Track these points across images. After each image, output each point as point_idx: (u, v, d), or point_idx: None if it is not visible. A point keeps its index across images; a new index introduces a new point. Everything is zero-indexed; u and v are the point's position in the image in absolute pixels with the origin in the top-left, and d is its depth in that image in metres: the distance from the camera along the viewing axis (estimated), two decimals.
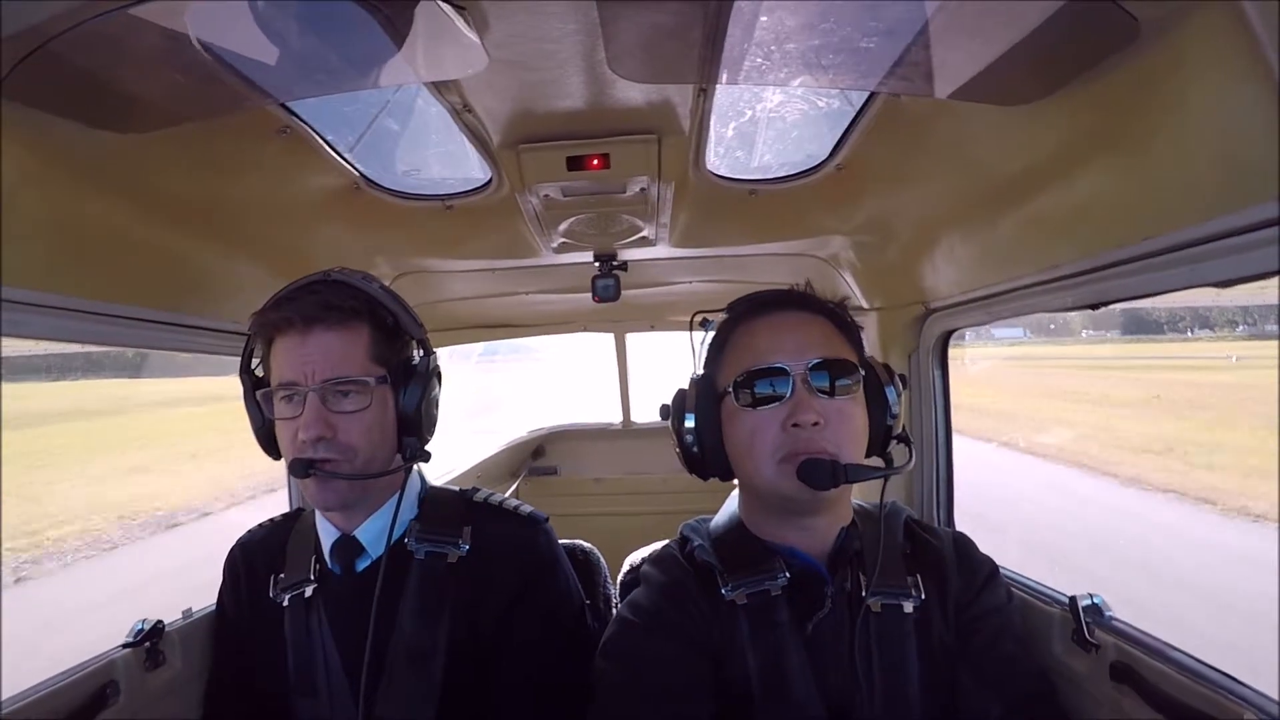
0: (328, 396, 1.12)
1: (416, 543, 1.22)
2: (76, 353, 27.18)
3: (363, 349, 1.16)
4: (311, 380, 1.11)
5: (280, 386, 1.13)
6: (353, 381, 1.14)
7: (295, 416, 1.12)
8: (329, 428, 1.12)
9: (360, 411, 1.14)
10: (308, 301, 1.13)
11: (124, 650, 1.28)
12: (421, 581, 1.20)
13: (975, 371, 28.35)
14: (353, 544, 1.22)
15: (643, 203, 1.64)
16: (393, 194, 1.60)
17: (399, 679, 1.16)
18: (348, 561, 1.23)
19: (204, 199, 1.36)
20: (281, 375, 1.13)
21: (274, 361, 1.15)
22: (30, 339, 1.12)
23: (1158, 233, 0.95)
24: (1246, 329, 39.30)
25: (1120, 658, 1.16)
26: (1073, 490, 12.19)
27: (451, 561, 1.22)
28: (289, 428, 1.13)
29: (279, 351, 1.14)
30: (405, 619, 1.18)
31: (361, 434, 1.15)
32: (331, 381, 1.12)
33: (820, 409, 1.09)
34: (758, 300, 1.21)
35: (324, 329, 1.13)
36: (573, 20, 0.95)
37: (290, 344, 1.13)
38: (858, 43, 0.93)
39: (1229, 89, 0.77)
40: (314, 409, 1.11)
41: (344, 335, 1.14)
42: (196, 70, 0.92)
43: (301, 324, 1.13)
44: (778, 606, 1.12)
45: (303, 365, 1.12)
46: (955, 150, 1.30)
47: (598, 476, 3.70)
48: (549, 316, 3.11)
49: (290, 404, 1.13)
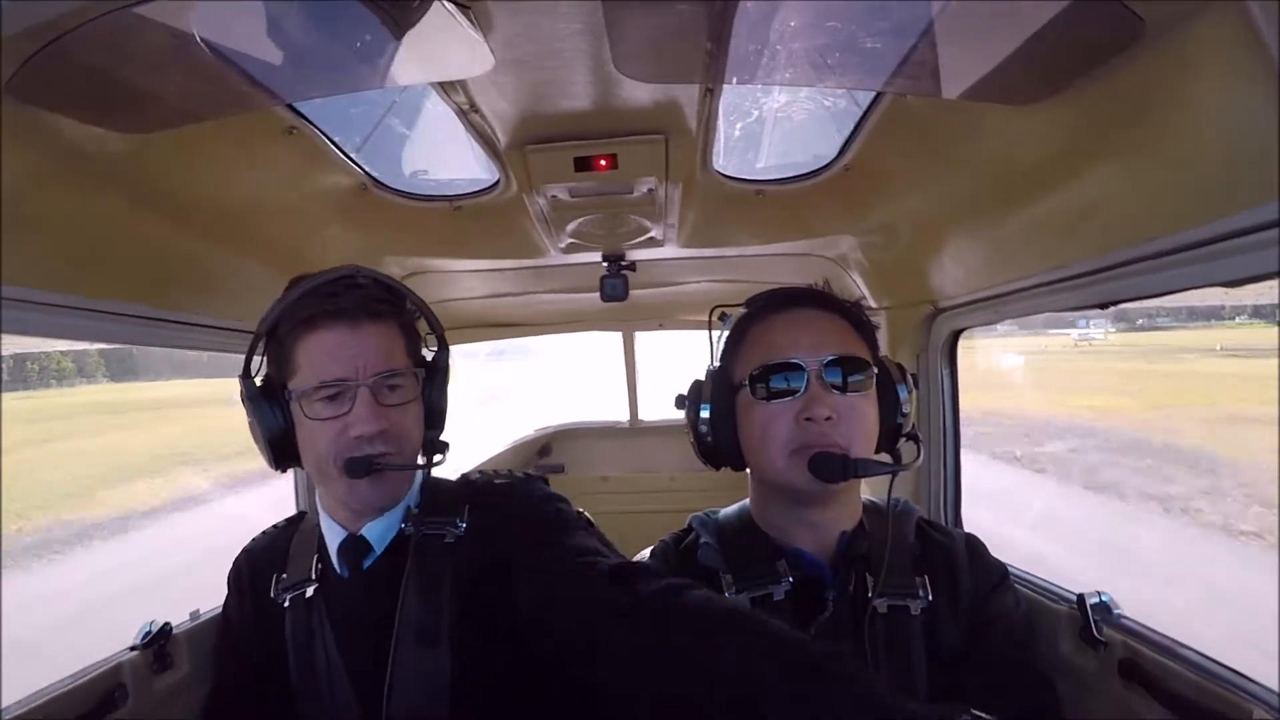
0: (377, 390, 1.10)
1: (414, 527, 1.20)
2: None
3: (402, 343, 1.16)
4: (364, 374, 1.09)
5: (323, 386, 1.08)
6: (400, 374, 1.13)
7: (341, 414, 1.08)
8: (386, 420, 1.10)
9: (409, 403, 1.14)
10: (351, 296, 1.10)
11: (132, 653, 1.28)
12: (422, 564, 1.19)
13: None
14: (361, 543, 1.20)
15: (650, 203, 1.64)
16: (400, 194, 1.60)
17: (408, 668, 1.14)
18: (355, 560, 1.21)
19: (210, 199, 1.36)
20: (323, 372, 1.08)
21: (307, 358, 1.10)
22: (35, 337, 1.13)
23: (1166, 232, 0.95)
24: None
25: (1128, 655, 1.16)
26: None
27: (449, 542, 1.20)
28: (331, 428, 1.09)
29: (314, 347, 1.09)
30: (412, 603, 1.16)
31: (412, 426, 1.15)
32: (383, 374, 1.10)
33: (833, 404, 1.11)
34: (776, 297, 1.23)
35: (373, 323, 1.11)
36: (579, 20, 0.95)
37: (337, 338, 1.09)
38: (864, 43, 0.93)
39: (1236, 88, 0.77)
40: (369, 403, 1.08)
41: (389, 329, 1.14)
42: (203, 70, 0.92)
43: (350, 317, 1.09)
44: (780, 611, 1.13)
45: (353, 360, 1.08)
46: (962, 150, 1.29)
47: (605, 475, 3.70)
48: (557, 316, 3.12)
49: (334, 403, 1.09)
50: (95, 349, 25.59)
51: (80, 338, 1.21)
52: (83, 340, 1.22)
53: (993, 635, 1.14)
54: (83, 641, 5.71)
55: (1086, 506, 10.67)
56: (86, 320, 1.19)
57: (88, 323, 1.20)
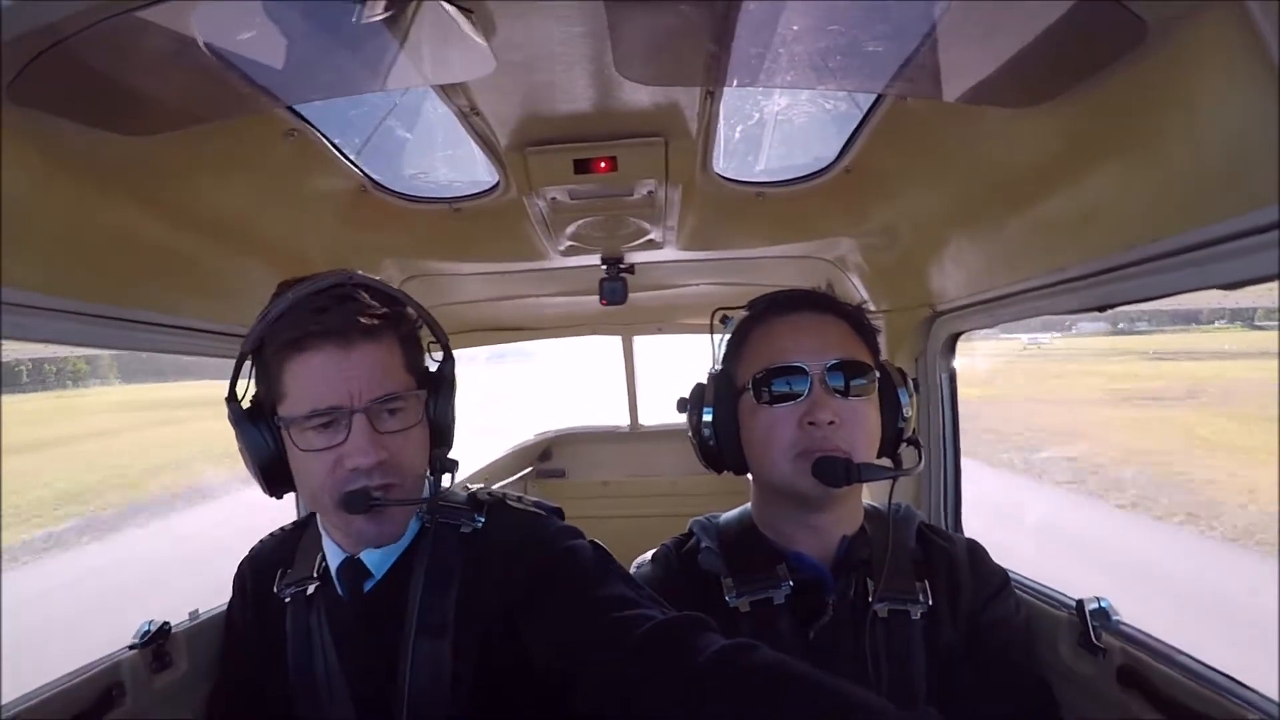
0: (374, 416, 0.99)
1: (428, 512, 1.14)
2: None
3: (400, 359, 1.05)
4: (358, 401, 0.98)
5: (314, 414, 0.98)
6: (400, 397, 1.02)
7: (335, 445, 0.98)
8: (384, 450, 0.99)
9: (410, 429, 1.03)
10: (343, 311, 0.99)
11: (130, 652, 1.27)
12: (433, 550, 1.12)
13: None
14: (359, 568, 1.13)
15: (650, 205, 1.64)
16: (400, 197, 1.60)
17: (410, 658, 1.09)
18: (355, 583, 1.14)
19: (211, 202, 1.36)
20: (315, 399, 0.98)
21: (295, 382, 0.99)
22: (35, 342, 1.11)
23: (1165, 235, 0.95)
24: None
25: (1127, 661, 1.15)
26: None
27: (465, 532, 1.13)
28: (325, 459, 0.99)
29: (302, 371, 0.99)
30: (417, 591, 1.10)
31: (415, 453, 1.05)
32: (380, 399, 0.99)
33: (836, 408, 1.11)
34: (779, 300, 1.23)
35: (367, 341, 0.99)
36: (580, 23, 0.95)
37: (326, 360, 0.98)
38: (865, 46, 0.93)
39: (1236, 91, 0.77)
40: (365, 432, 0.97)
41: (384, 347, 1.02)
42: (204, 73, 0.92)
43: (341, 337, 0.98)
44: (780, 615, 1.13)
45: (346, 384, 0.97)
46: (962, 153, 1.29)
47: (605, 479, 3.69)
48: (557, 320, 3.12)
49: (326, 432, 0.99)
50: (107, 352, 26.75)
51: (80, 342, 1.19)
52: (83, 345, 1.21)
53: (992, 641, 1.14)
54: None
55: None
56: (87, 325, 1.18)
57: (88, 327, 1.19)
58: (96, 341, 1.23)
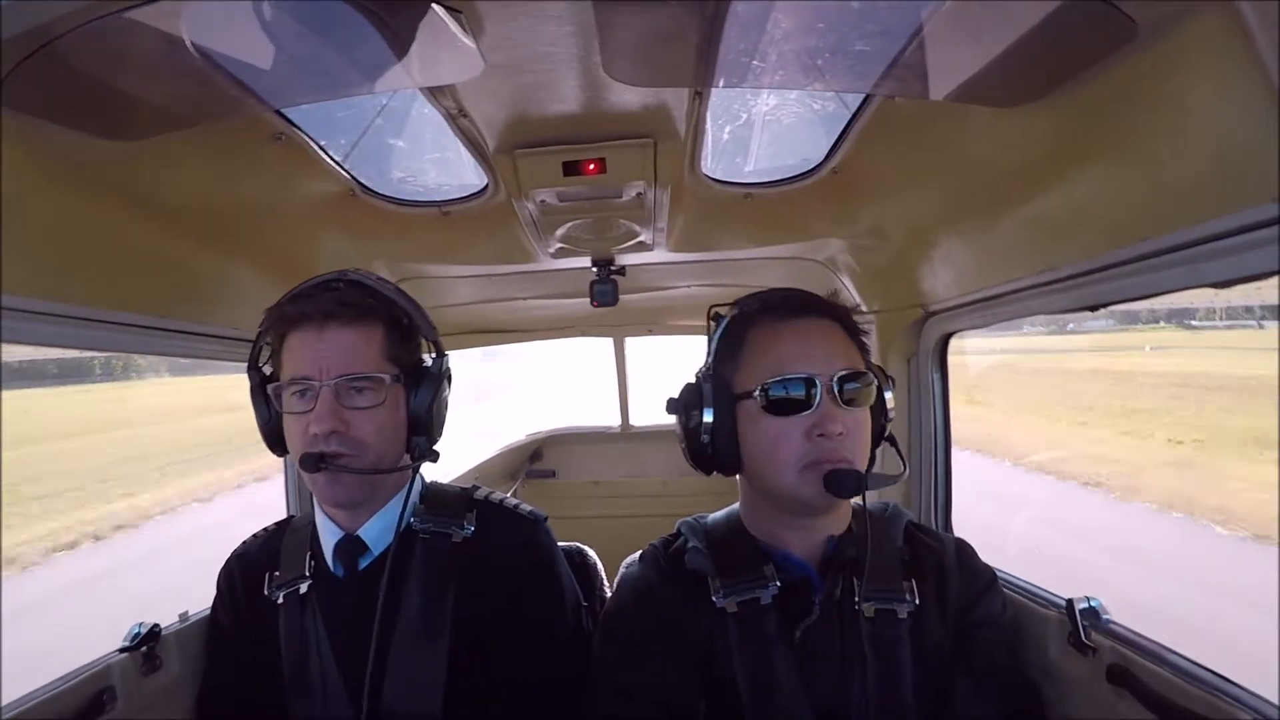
0: (341, 392, 1.13)
1: (421, 523, 1.25)
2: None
3: (377, 347, 1.17)
4: (326, 375, 1.12)
5: (293, 381, 1.14)
6: (367, 378, 1.15)
7: (307, 411, 1.13)
8: (342, 422, 1.13)
9: (373, 408, 1.16)
10: (325, 298, 1.15)
11: (120, 655, 1.27)
12: (428, 558, 1.23)
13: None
14: (357, 543, 1.23)
15: (639, 207, 1.63)
16: (388, 200, 1.59)
17: (405, 661, 1.16)
18: (351, 561, 1.23)
19: (201, 205, 1.35)
20: (295, 370, 1.15)
21: (287, 357, 1.17)
22: (28, 345, 1.13)
23: (1156, 233, 0.95)
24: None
25: (1117, 661, 1.15)
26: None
27: (456, 541, 1.25)
28: (300, 422, 1.14)
29: (293, 347, 1.16)
30: (413, 596, 1.20)
31: (374, 431, 1.16)
32: (346, 377, 1.13)
33: (844, 420, 1.10)
34: (776, 302, 1.20)
35: (340, 325, 1.15)
36: (568, 23, 0.94)
37: (305, 339, 1.14)
38: (852, 46, 0.93)
39: (1227, 89, 0.77)
40: (327, 403, 1.12)
41: (360, 332, 1.16)
42: (192, 76, 0.92)
43: (318, 319, 1.14)
44: (767, 615, 1.13)
45: (318, 360, 1.13)
46: (952, 152, 1.29)
47: (596, 479, 3.69)
48: (547, 322, 3.11)
49: (302, 399, 1.14)
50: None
51: (72, 345, 1.20)
52: (74, 348, 1.22)
53: (979, 640, 1.15)
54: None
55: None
56: (78, 328, 1.18)
57: (79, 331, 1.19)
58: (86, 345, 1.23)
